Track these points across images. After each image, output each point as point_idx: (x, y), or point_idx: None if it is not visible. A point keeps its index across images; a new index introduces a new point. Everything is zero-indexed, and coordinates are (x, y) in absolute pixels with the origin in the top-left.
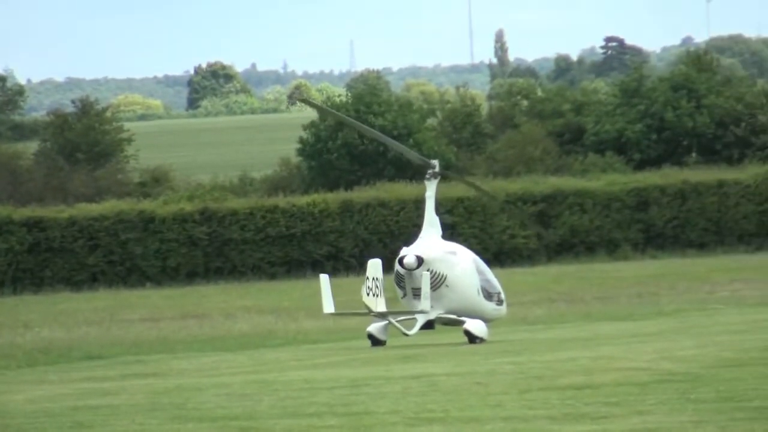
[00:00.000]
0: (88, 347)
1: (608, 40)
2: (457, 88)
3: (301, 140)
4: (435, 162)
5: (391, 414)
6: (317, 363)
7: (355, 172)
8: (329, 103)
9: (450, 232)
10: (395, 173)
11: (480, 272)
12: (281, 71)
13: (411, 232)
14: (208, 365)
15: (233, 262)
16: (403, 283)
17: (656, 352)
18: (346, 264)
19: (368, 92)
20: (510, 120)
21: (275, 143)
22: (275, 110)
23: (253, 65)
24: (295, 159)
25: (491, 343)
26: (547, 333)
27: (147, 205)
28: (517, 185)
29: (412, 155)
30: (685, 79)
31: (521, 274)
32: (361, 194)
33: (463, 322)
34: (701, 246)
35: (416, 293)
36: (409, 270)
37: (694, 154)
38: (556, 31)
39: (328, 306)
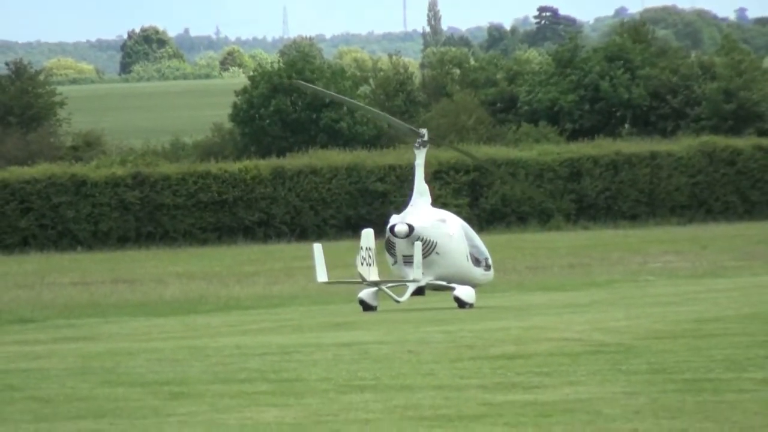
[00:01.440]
0: (19, 310)
1: (542, 9)
2: (390, 56)
3: (234, 106)
4: (424, 131)
5: (322, 381)
6: (248, 329)
7: (287, 138)
8: (261, 69)
9: (381, 201)
10: (327, 140)
11: (468, 238)
12: (214, 37)
13: (342, 199)
14: (140, 330)
15: (165, 228)
16: (393, 250)
17: (588, 323)
18: (277, 231)
19: (300, 59)
20: (443, 89)
21: (207, 109)
22: (207, 76)
23: (186, 30)
24: (228, 125)
25: (422, 311)
26: (479, 302)
27: (79, 168)
28: (449, 154)
29: (401, 125)
30: (620, 50)
31: None
32: (293, 161)
33: (452, 288)
34: (633, 217)
35: (407, 260)
36: (400, 238)
37: (627, 125)
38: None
39: (322, 275)
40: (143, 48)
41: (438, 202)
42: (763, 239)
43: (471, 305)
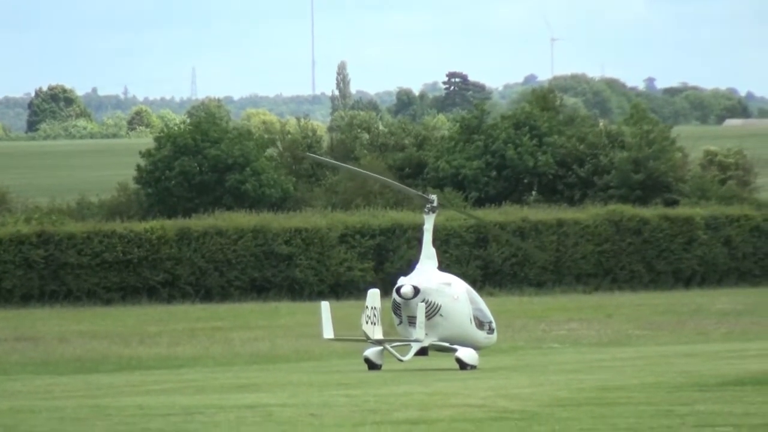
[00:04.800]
0: None
1: (451, 75)
2: (298, 118)
3: (138, 168)
4: (434, 197)
5: None
6: (151, 389)
7: (192, 200)
8: (167, 131)
9: (287, 263)
10: (233, 202)
11: (473, 302)
12: (122, 96)
13: (248, 261)
14: (42, 388)
15: (69, 286)
16: (399, 311)
17: (492, 390)
18: (182, 291)
19: (206, 120)
20: (350, 153)
21: (114, 168)
22: (115, 135)
23: (94, 90)
24: (133, 185)
25: (326, 374)
26: (383, 366)
27: None
28: (356, 218)
29: (411, 192)
30: (528, 117)
31: (357, 306)
32: (199, 222)
33: (455, 350)
34: (539, 284)
35: (411, 321)
36: (406, 299)
37: (534, 193)
38: (399, 64)
39: (328, 332)
40: (50, 106)
41: (343, 266)
42: (668, 309)
43: (473, 367)
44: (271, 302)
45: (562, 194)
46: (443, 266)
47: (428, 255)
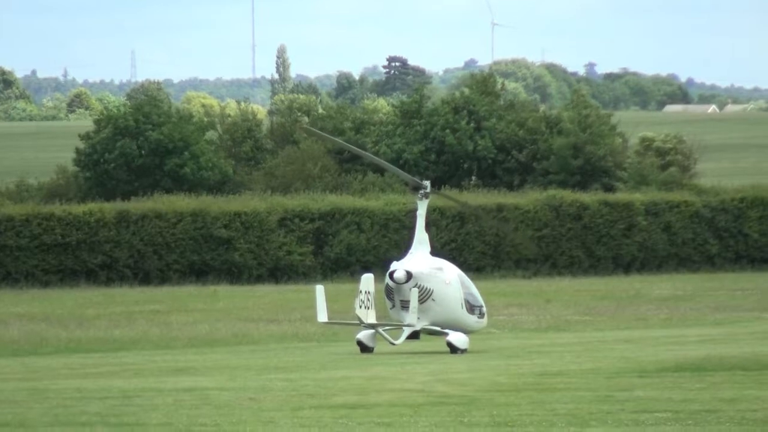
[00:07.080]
0: None
1: (391, 59)
2: (238, 102)
3: (77, 150)
4: (427, 183)
5: (162, 426)
6: (89, 372)
7: (131, 183)
8: (106, 113)
9: (226, 247)
10: (172, 185)
11: (464, 286)
12: (61, 79)
13: (187, 244)
14: None
15: (7, 269)
16: (392, 295)
17: (431, 374)
18: (120, 274)
19: (147, 103)
20: (290, 136)
21: (53, 151)
22: (54, 118)
23: (33, 72)
24: (72, 168)
25: (264, 358)
26: (321, 350)
27: None
28: (295, 202)
29: (406, 176)
30: (467, 102)
31: (296, 291)
32: (138, 205)
33: (446, 334)
34: (478, 269)
35: (404, 305)
36: (399, 284)
37: (474, 177)
38: (339, 48)
39: (322, 315)
40: None
41: (282, 249)
42: (607, 294)
43: (464, 351)
44: (210, 286)
45: (501, 179)
46: (381, 250)
47: (420, 240)
